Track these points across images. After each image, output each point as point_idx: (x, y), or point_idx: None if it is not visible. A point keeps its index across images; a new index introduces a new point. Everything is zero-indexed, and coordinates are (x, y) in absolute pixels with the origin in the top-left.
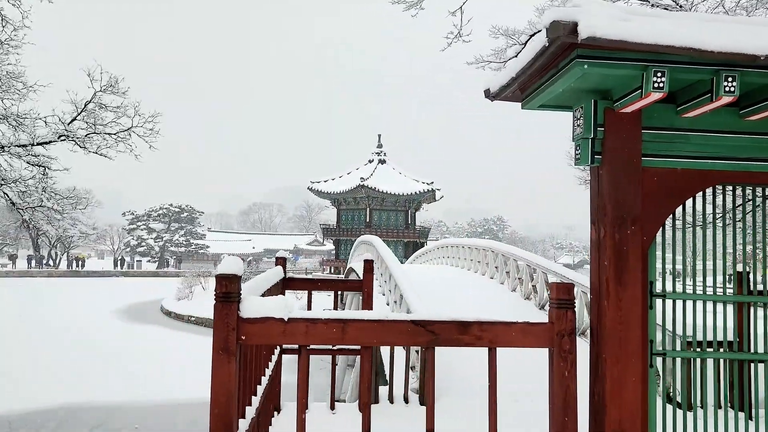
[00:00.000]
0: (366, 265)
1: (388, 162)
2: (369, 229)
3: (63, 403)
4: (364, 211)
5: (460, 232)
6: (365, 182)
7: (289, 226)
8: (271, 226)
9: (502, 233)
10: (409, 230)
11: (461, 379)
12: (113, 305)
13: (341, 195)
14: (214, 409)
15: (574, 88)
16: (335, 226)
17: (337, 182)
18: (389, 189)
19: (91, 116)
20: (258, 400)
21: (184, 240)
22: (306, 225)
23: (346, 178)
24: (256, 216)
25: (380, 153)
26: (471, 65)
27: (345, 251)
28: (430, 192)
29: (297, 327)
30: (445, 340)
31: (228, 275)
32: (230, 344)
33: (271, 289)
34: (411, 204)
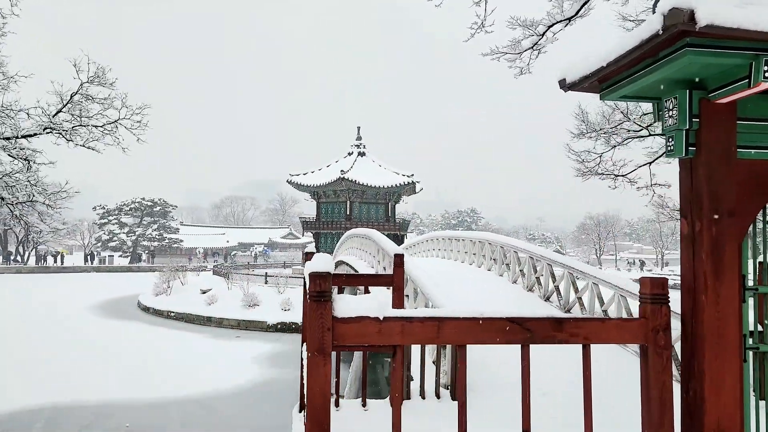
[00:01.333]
0: (396, 259)
1: (367, 154)
2: (350, 222)
3: (49, 402)
4: (344, 204)
5: (434, 225)
6: (346, 175)
7: (263, 219)
8: (244, 220)
9: (476, 225)
10: (390, 223)
11: (491, 374)
12: (88, 301)
13: (321, 188)
14: (310, 414)
15: (666, 78)
16: (315, 219)
17: (316, 175)
18: (370, 181)
19: (77, 108)
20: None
21: (158, 234)
22: (280, 218)
23: (325, 171)
24: (228, 209)
25: (360, 145)
26: (486, 56)
27: (326, 244)
28: (411, 184)
29: (393, 326)
30: (540, 338)
31: (321, 273)
32: (326, 345)
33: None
34: (391, 196)
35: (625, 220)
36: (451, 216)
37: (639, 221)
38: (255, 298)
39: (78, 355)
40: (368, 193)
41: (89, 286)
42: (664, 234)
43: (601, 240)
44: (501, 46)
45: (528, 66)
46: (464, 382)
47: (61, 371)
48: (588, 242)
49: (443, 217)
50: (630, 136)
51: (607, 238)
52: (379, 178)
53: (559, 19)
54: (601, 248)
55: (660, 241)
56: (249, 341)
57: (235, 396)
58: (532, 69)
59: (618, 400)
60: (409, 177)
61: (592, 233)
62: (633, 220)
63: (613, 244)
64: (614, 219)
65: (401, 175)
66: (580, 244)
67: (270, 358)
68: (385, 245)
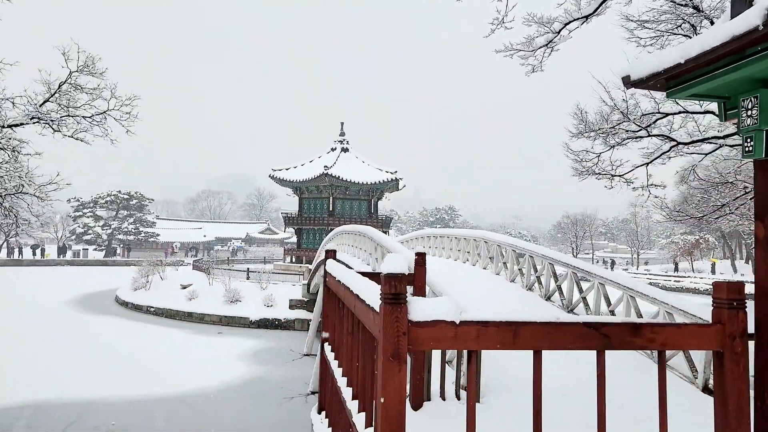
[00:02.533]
0: (418, 257)
1: (351, 150)
2: (332, 218)
3: (31, 400)
4: (327, 200)
5: (412, 222)
6: (329, 170)
7: (240, 214)
8: (221, 215)
9: (453, 222)
10: (372, 219)
11: (510, 377)
12: (65, 296)
13: (304, 183)
14: (384, 423)
15: (748, 76)
16: (297, 215)
17: (299, 170)
18: (353, 178)
19: (65, 98)
20: None
21: (134, 228)
22: (257, 213)
23: (308, 167)
24: (204, 204)
25: (343, 141)
26: (499, 53)
27: (308, 240)
28: (394, 181)
29: (468, 331)
30: (617, 343)
31: (396, 274)
32: (401, 350)
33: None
34: (374, 193)
35: (601, 220)
36: (429, 213)
37: (614, 221)
38: (237, 294)
39: (57, 351)
40: (351, 190)
41: (64, 279)
42: (640, 233)
43: (578, 239)
44: (515, 43)
45: (541, 64)
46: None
47: (41, 368)
48: (564, 241)
49: (421, 214)
50: (629, 136)
51: (583, 237)
52: (363, 174)
53: (577, 17)
54: (577, 247)
55: (636, 240)
56: (232, 337)
57: (222, 393)
58: (544, 67)
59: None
60: (393, 174)
61: (569, 232)
62: (608, 219)
63: (590, 243)
64: (591, 218)
65: (384, 171)
66: (556, 242)
67: (254, 355)
68: (385, 242)
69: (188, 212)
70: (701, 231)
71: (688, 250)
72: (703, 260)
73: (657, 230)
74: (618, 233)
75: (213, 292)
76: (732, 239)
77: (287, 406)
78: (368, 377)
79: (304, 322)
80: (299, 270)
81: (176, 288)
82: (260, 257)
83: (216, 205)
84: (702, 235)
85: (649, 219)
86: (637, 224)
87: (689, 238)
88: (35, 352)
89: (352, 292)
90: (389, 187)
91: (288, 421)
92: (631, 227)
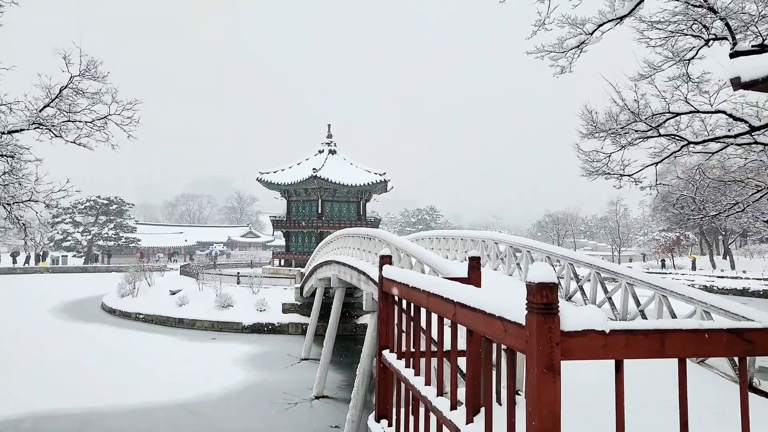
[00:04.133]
0: (473, 261)
1: (338, 152)
2: (321, 221)
3: (28, 412)
4: (315, 203)
5: (394, 223)
6: (317, 173)
7: (220, 217)
8: (200, 218)
9: (435, 223)
10: (361, 221)
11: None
12: (48, 304)
13: (292, 186)
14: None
15: None
16: (285, 218)
17: (287, 173)
18: (342, 180)
19: (66, 103)
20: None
21: (114, 233)
22: (237, 216)
23: (296, 169)
24: (183, 208)
25: (331, 143)
26: (530, 54)
27: (297, 244)
28: (383, 183)
29: (617, 340)
30: (761, 349)
31: (548, 284)
32: (555, 361)
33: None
34: (363, 195)
35: (581, 218)
36: (410, 214)
37: (593, 219)
38: (229, 299)
39: (50, 361)
40: (340, 192)
41: (46, 288)
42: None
43: (560, 237)
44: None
45: (570, 65)
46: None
47: (36, 379)
48: (545, 239)
49: (403, 215)
50: (640, 136)
51: (565, 235)
52: (351, 176)
53: (611, 18)
54: (559, 245)
55: (618, 238)
56: (226, 343)
57: (224, 400)
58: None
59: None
60: (381, 175)
61: (550, 230)
62: (587, 218)
63: (572, 241)
64: (573, 217)
65: (373, 173)
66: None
67: (251, 360)
68: (406, 247)
69: (167, 216)
70: (681, 228)
71: (668, 247)
72: (682, 257)
73: (634, 227)
74: (597, 231)
75: (203, 297)
76: (710, 236)
77: (293, 412)
78: (476, 388)
79: (299, 326)
80: (289, 274)
81: (165, 294)
82: (244, 261)
83: (195, 208)
84: (682, 232)
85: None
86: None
87: (670, 235)
88: (28, 363)
89: (452, 300)
90: (377, 189)
91: (296, 427)
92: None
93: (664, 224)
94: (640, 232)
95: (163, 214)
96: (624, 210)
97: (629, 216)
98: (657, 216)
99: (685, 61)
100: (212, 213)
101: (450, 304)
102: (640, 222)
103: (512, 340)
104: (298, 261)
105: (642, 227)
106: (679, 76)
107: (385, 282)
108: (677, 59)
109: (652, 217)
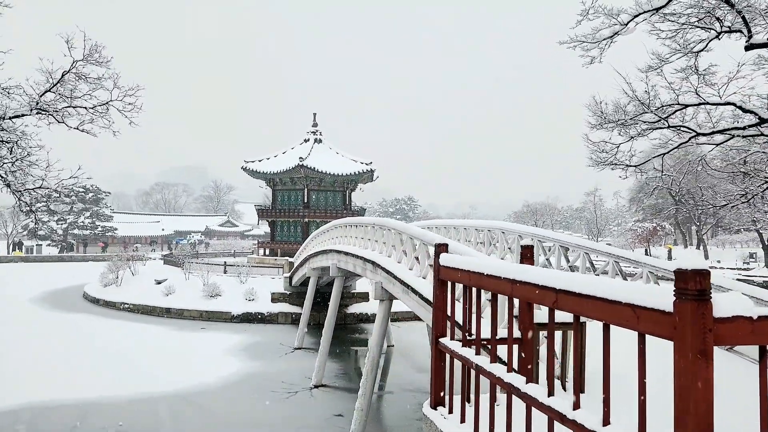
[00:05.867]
0: (524, 251)
1: (324, 141)
2: (308, 210)
3: (25, 402)
4: (301, 192)
5: (372, 212)
6: (304, 162)
7: (196, 206)
8: (176, 207)
9: (413, 213)
10: (347, 211)
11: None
12: (28, 294)
13: (278, 175)
14: (693, 424)
15: None
16: (270, 207)
17: (272, 162)
18: (328, 169)
19: (67, 88)
20: None
21: (90, 222)
22: (214, 206)
23: (281, 158)
24: (159, 196)
25: (316, 132)
26: (563, 44)
27: (282, 233)
28: (369, 172)
29: (764, 325)
30: None
31: (701, 270)
32: (708, 347)
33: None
34: (349, 184)
35: (556, 209)
36: (388, 204)
37: (568, 209)
38: (217, 288)
39: (40, 352)
40: (326, 181)
41: (22, 278)
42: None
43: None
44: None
45: (601, 55)
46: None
47: (27, 370)
48: None
49: (381, 205)
50: (649, 127)
51: (543, 225)
52: (338, 165)
53: (647, 9)
54: None
55: (595, 228)
56: (216, 332)
57: (223, 390)
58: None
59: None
60: (368, 165)
61: (528, 221)
62: (563, 208)
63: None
64: (551, 207)
65: (359, 162)
66: None
67: (244, 350)
68: (419, 235)
69: (141, 205)
70: (655, 218)
71: (645, 237)
72: (655, 247)
73: (609, 218)
74: (572, 221)
75: (190, 286)
76: (684, 226)
77: (294, 401)
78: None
79: (288, 315)
80: (275, 263)
81: (150, 283)
82: (225, 251)
83: (171, 197)
84: (659, 222)
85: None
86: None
87: (646, 226)
88: (18, 354)
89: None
90: (363, 179)
91: (300, 415)
92: (585, 216)
93: (639, 215)
94: (614, 222)
95: (137, 204)
96: (599, 200)
97: (603, 206)
98: (633, 207)
99: (693, 53)
100: (188, 202)
101: (550, 292)
102: (614, 213)
103: (648, 326)
104: (284, 250)
105: (616, 218)
106: (686, 68)
107: (443, 270)
108: (686, 51)
109: (628, 207)
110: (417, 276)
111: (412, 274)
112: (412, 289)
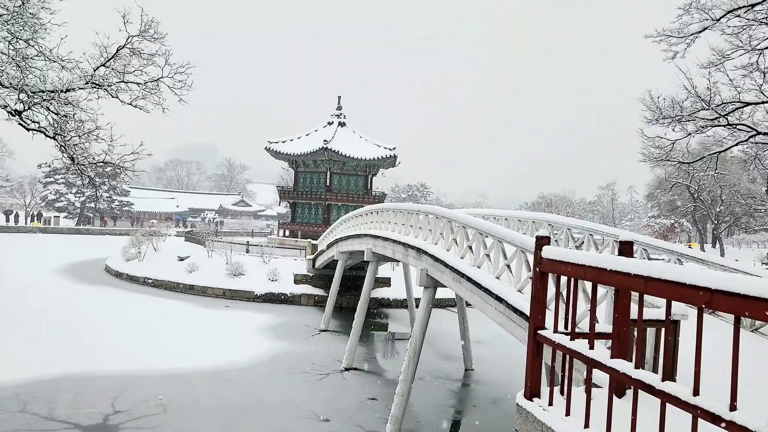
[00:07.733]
0: (623, 247)
1: (348, 125)
2: (330, 193)
3: (64, 372)
4: (324, 174)
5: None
6: (328, 144)
7: (208, 185)
8: (188, 185)
9: (425, 199)
10: (369, 196)
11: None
12: (49, 265)
13: (301, 157)
14: None
15: None
16: (292, 189)
17: (296, 143)
18: (351, 153)
19: (120, 63)
20: None
21: (107, 196)
22: (227, 184)
23: (305, 140)
24: (172, 173)
25: (340, 115)
26: (648, 38)
27: (303, 215)
28: (392, 158)
29: None
30: None
31: None
32: None
33: None
34: (371, 169)
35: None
36: (401, 190)
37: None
38: (240, 267)
39: (70, 323)
40: (348, 165)
41: (42, 248)
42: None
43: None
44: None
45: (686, 50)
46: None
47: (62, 341)
48: None
49: (393, 190)
50: (707, 124)
51: None
52: (361, 149)
53: (742, 5)
54: None
55: (612, 222)
56: (240, 311)
57: (255, 369)
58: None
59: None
60: (392, 150)
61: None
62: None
63: None
64: (567, 200)
65: (383, 147)
66: None
67: (271, 330)
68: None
69: (154, 181)
70: (672, 215)
71: (662, 234)
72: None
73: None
74: (585, 214)
75: (213, 264)
76: (701, 224)
77: (327, 383)
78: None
79: (311, 297)
80: (295, 244)
81: (173, 260)
82: (242, 230)
83: (184, 174)
84: (677, 219)
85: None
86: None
87: (665, 222)
88: (50, 325)
89: (708, 287)
90: (386, 164)
91: (334, 397)
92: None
93: (654, 210)
94: (627, 217)
95: (150, 180)
96: (613, 194)
97: (617, 200)
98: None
99: (758, 50)
100: (201, 180)
101: (704, 292)
102: (628, 207)
103: None
104: (305, 232)
105: (629, 213)
106: (748, 64)
107: (544, 262)
108: (749, 48)
109: (643, 203)
110: (471, 265)
111: (465, 262)
112: (466, 277)
